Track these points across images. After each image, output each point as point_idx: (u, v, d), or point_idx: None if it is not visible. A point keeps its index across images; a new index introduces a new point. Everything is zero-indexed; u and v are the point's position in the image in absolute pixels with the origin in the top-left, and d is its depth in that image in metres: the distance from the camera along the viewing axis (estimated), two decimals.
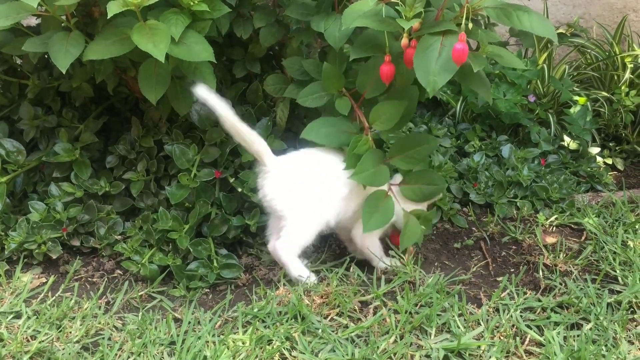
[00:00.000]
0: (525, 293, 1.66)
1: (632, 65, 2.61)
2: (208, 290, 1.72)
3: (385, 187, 1.68)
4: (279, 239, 1.65)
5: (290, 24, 1.94)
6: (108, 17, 1.44)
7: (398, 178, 1.76)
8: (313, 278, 1.66)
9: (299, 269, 1.65)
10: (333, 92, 1.72)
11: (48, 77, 2.00)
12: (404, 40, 1.51)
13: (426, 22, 1.50)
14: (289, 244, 1.64)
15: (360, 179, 1.62)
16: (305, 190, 1.65)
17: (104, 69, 1.73)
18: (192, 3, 1.57)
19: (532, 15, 1.46)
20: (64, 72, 1.53)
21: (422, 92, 1.65)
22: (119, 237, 1.83)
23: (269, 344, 1.46)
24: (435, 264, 1.82)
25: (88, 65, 1.76)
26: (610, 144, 2.57)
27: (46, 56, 1.91)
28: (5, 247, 1.77)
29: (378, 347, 1.44)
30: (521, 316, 1.57)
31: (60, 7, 1.56)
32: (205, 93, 1.57)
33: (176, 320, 1.58)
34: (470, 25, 1.42)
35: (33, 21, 1.98)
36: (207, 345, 1.46)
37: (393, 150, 1.70)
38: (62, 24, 1.61)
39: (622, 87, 2.58)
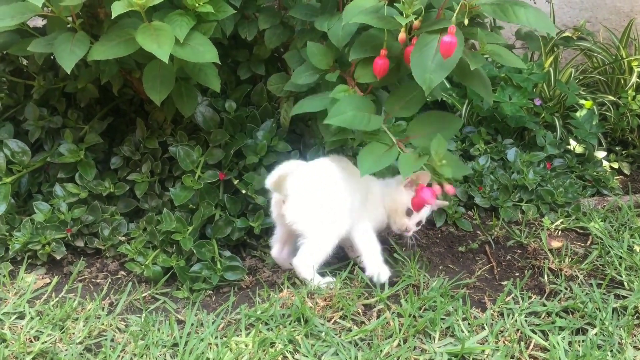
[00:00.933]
0: (530, 297, 1.65)
1: (638, 69, 2.60)
2: (211, 292, 1.71)
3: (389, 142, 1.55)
4: (297, 257, 1.63)
5: (295, 25, 1.94)
6: (112, 18, 1.44)
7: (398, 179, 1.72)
8: (332, 279, 1.66)
9: (319, 281, 1.64)
10: (324, 68, 1.68)
11: (54, 78, 2.00)
12: (402, 35, 1.48)
13: (426, 21, 1.49)
14: (307, 261, 1.63)
15: (335, 122, 1.50)
16: (320, 208, 1.63)
17: (109, 70, 1.74)
18: (197, 4, 1.57)
19: (529, 10, 1.44)
20: (68, 72, 1.53)
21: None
22: (123, 238, 1.83)
23: (271, 347, 1.45)
24: (440, 267, 1.81)
25: (93, 67, 1.76)
26: (617, 148, 2.56)
27: (52, 57, 1.91)
28: (10, 247, 1.77)
29: (381, 351, 1.43)
30: (526, 321, 1.56)
31: (66, 8, 1.56)
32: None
33: (179, 322, 1.58)
34: (466, 21, 1.39)
35: (39, 22, 1.98)
36: (210, 348, 1.46)
37: (390, 104, 1.61)
38: (68, 25, 1.61)
39: (629, 91, 2.57)
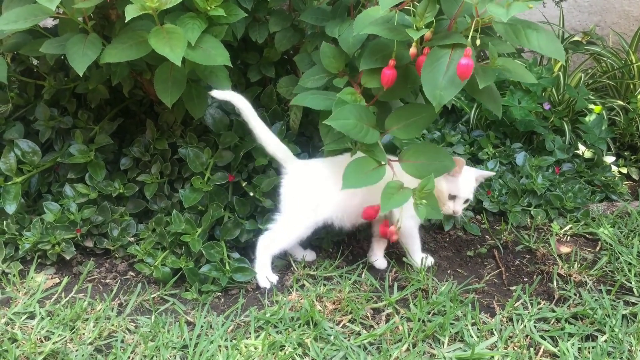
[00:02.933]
0: (539, 303, 1.65)
1: None
2: (220, 293, 1.72)
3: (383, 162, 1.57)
4: (263, 234, 1.74)
5: (306, 28, 1.94)
6: (126, 21, 1.45)
7: None
8: (274, 280, 1.73)
9: (264, 268, 1.73)
10: (334, 71, 1.69)
11: (64, 78, 2.01)
12: (412, 49, 1.49)
13: (438, 31, 1.49)
14: (270, 242, 1.73)
15: (336, 125, 1.50)
16: (303, 196, 1.71)
17: (120, 72, 1.74)
18: (209, 8, 1.58)
19: (541, 34, 1.45)
20: (81, 74, 1.54)
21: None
22: (132, 239, 1.84)
23: (281, 350, 1.46)
24: (448, 271, 1.81)
25: (104, 68, 1.77)
26: (626, 153, 2.55)
27: (62, 57, 1.92)
28: (20, 247, 1.78)
29: (391, 355, 1.44)
30: (535, 326, 1.56)
31: (78, 10, 1.57)
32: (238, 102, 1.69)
33: (188, 323, 1.58)
34: (478, 41, 1.40)
35: (49, 22, 1.98)
36: (220, 350, 1.46)
37: (391, 121, 1.61)
38: (80, 27, 1.62)
39: (638, 96, 2.56)
